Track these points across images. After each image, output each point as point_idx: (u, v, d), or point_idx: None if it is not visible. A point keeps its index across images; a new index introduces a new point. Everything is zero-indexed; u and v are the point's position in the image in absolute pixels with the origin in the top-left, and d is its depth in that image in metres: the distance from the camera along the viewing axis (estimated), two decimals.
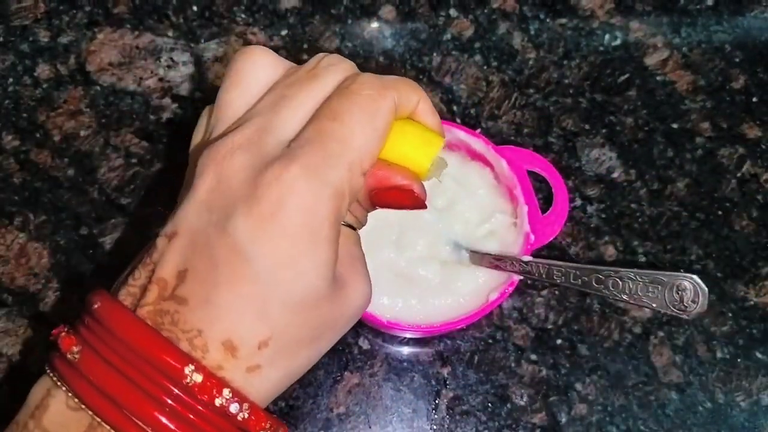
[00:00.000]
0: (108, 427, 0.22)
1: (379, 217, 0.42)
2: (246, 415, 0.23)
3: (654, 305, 0.31)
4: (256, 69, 0.27)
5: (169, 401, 0.22)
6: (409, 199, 0.27)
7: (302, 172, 0.23)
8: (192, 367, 0.22)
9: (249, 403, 0.24)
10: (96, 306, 0.23)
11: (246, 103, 0.26)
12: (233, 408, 0.23)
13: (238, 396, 0.23)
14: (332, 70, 0.26)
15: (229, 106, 0.26)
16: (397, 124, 0.26)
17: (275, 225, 0.23)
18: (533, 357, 0.45)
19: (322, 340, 0.26)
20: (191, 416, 0.22)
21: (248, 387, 0.24)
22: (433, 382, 0.44)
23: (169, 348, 0.22)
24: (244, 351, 0.23)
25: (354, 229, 0.29)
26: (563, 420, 0.44)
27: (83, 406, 0.22)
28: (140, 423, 0.22)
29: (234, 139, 0.24)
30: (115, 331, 0.23)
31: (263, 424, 0.24)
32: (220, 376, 0.23)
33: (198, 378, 0.22)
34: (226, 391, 0.23)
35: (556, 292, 0.46)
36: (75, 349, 0.23)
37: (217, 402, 0.23)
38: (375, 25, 0.54)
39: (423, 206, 0.28)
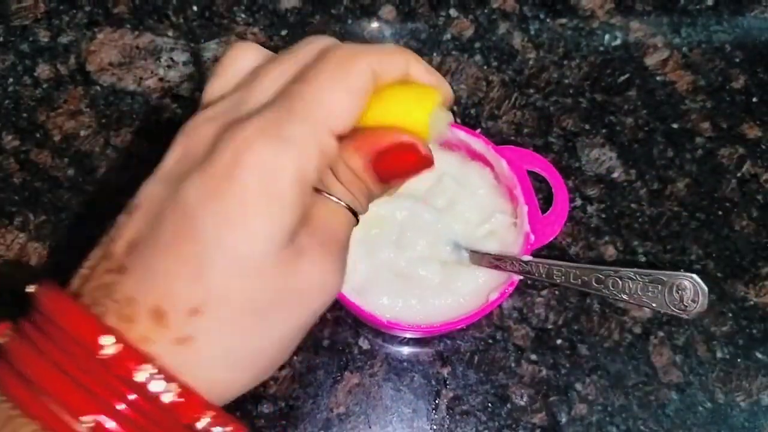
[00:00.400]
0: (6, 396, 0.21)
1: (379, 216, 0.43)
2: (173, 398, 0.20)
3: (654, 305, 0.31)
4: (239, 60, 0.26)
5: (85, 379, 0.20)
6: (414, 156, 0.25)
7: (261, 130, 0.22)
8: (110, 338, 0.20)
9: (178, 384, 0.20)
10: (32, 290, 0.23)
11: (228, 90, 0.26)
12: (155, 386, 0.20)
13: (164, 373, 0.20)
14: (310, 43, 0.25)
15: (212, 96, 0.26)
16: (388, 88, 0.25)
17: (226, 183, 0.21)
18: (533, 357, 0.45)
19: (268, 316, 0.22)
20: (114, 402, 0.20)
21: (178, 364, 0.21)
22: (433, 382, 0.44)
23: (85, 317, 0.20)
24: (173, 318, 0.21)
25: (354, 214, 0.26)
26: (563, 420, 0.44)
27: None
28: (51, 400, 0.20)
29: (206, 113, 0.24)
30: (39, 308, 0.22)
31: (198, 412, 0.21)
32: (142, 350, 0.20)
33: (113, 350, 0.20)
34: (146, 366, 0.20)
35: (556, 292, 0.46)
36: (7, 332, 0.22)
37: (137, 378, 0.20)
38: (375, 25, 0.54)
39: (431, 164, 0.25)
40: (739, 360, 0.45)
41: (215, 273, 0.21)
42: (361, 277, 0.42)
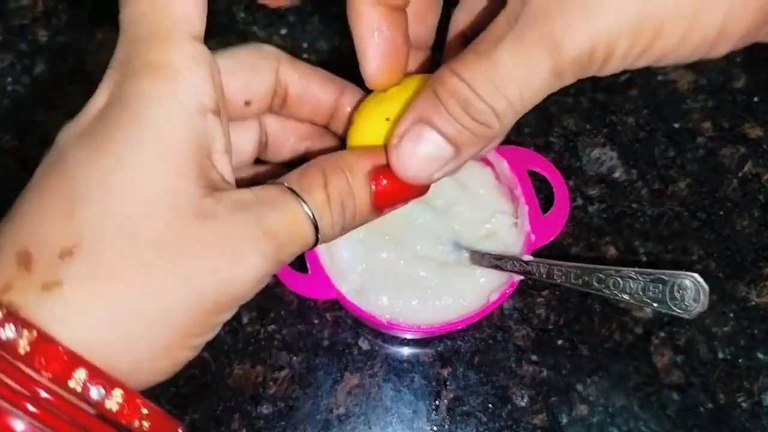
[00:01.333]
0: None
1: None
2: (27, 346, 0.17)
3: (655, 305, 0.31)
4: None
5: None
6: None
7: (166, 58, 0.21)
8: None
9: (37, 332, 0.17)
10: None
11: None
12: (7, 333, 0.17)
13: (17, 319, 0.17)
14: None
15: None
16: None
17: (96, 119, 0.20)
18: (534, 357, 0.45)
19: (156, 274, 0.19)
20: None
21: (44, 313, 0.17)
22: (434, 383, 0.44)
23: None
24: (41, 262, 0.18)
25: (316, 230, 0.22)
26: (564, 421, 0.43)
27: None
28: None
29: None
30: None
31: (65, 364, 0.17)
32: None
33: None
34: None
35: (557, 293, 0.46)
36: None
37: None
38: None
39: (427, 189, 0.27)
40: (740, 360, 0.45)
41: (88, 209, 0.19)
42: (361, 277, 0.41)
